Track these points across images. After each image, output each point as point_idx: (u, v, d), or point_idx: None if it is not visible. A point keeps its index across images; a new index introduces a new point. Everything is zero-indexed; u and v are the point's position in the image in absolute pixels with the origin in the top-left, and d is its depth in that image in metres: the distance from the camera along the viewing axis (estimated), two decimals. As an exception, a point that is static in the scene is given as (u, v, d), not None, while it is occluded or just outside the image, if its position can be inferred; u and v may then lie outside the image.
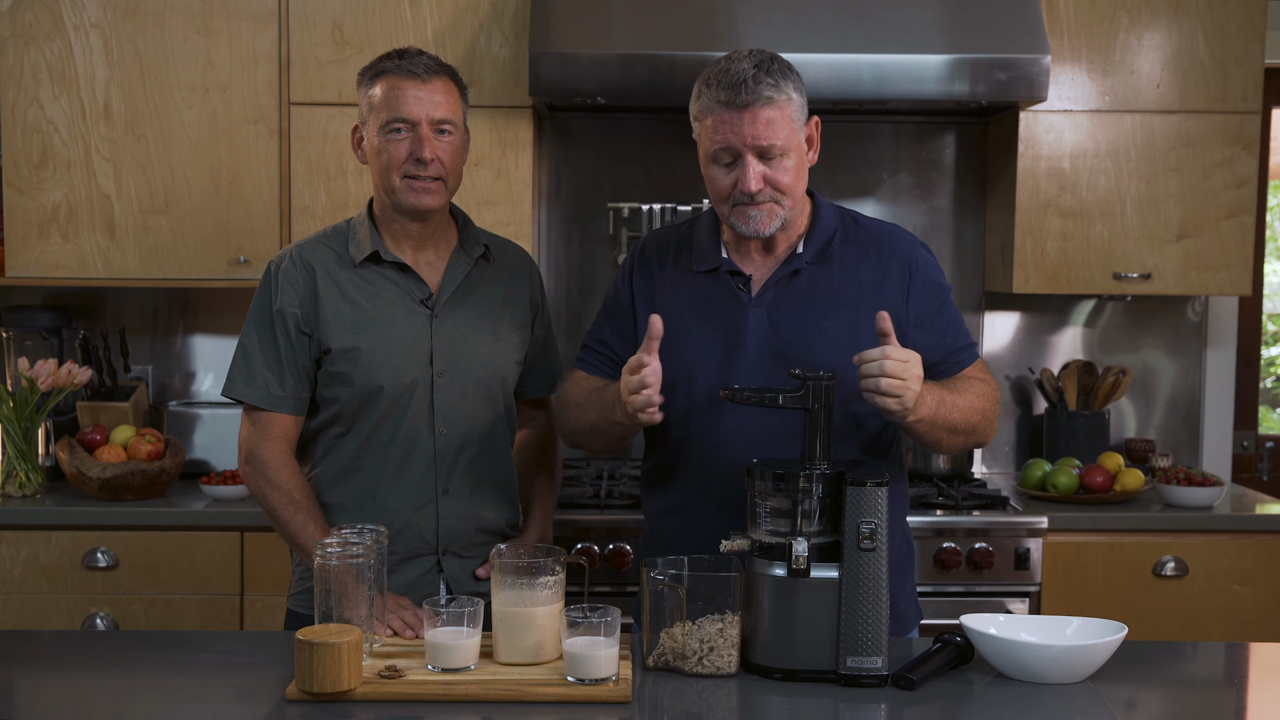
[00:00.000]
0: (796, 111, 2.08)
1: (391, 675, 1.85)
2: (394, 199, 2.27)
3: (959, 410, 2.08)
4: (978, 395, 2.14)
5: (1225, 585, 3.17)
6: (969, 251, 3.77)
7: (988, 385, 2.19)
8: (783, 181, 2.07)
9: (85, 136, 3.33)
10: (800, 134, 2.10)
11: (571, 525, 3.07)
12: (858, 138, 3.75)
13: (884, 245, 2.19)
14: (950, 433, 2.10)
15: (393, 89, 2.25)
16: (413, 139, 2.24)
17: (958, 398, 2.09)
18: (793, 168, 2.08)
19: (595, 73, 3.16)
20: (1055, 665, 1.86)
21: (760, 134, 2.04)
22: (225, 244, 3.36)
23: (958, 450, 2.23)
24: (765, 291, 2.17)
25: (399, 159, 2.24)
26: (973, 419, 2.12)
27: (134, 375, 3.68)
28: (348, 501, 2.30)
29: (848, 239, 2.19)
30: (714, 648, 1.89)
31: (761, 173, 2.06)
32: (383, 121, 2.25)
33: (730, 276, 2.18)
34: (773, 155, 2.06)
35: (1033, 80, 3.16)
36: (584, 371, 2.28)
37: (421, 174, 2.24)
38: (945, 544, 3.09)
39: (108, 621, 3.09)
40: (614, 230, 3.72)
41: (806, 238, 2.18)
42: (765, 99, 2.03)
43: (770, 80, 2.04)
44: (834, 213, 2.22)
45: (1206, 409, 3.80)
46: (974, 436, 2.16)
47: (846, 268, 2.16)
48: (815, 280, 2.16)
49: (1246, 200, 3.42)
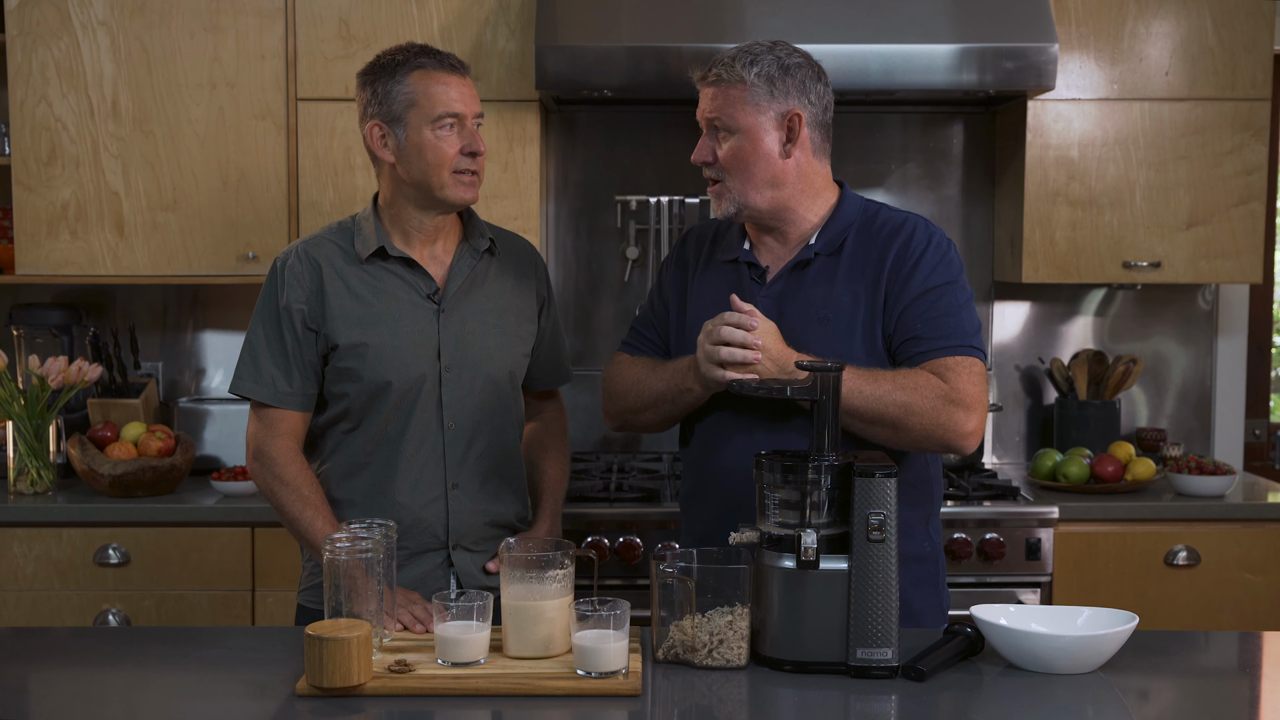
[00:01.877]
0: (758, 97, 2.13)
1: (401, 670, 1.85)
2: (442, 194, 2.27)
3: (861, 396, 2.01)
4: (902, 386, 2.03)
5: (1237, 574, 3.16)
6: (978, 241, 3.76)
7: (933, 379, 2.05)
8: (727, 160, 2.14)
9: (94, 134, 3.34)
10: (761, 120, 2.13)
11: (581, 518, 3.07)
12: (866, 128, 3.74)
13: (893, 234, 2.18)
14: (858, 419, 2.03)
15: (438, 83, 2.25)
16: (463, 133, 2.26)
17: (869, 385, 2.02)
18: (741, 150, 2.13)
19: (602, 66, 3.16)
20: (1066, 656, 1.86)
21: (708, 107, 2.16)
22: (234, 240, 3.36)
23: (893, 445, 2.08)
24: (776, 281, 2.20)
25: (451, 153, 2.25)
26: (887, 410, 2.02)
27: (144, 372, 3.68)
28: (357, 497, 2.30)
29: (863, 230, 2.20)
30: (724, 640, 1.89)
31: (711, 148, 2.16)
32: (434, 116, 2.24)
33: (747, 268, 2.22)
34: (718, 130, 2.15)
35: (1041, 69, 3.15)
36: (627, 354, 2.34)
37: (472, 168, 2.27)
38: (956, 535, 3.08)
39: (120, 618, 3.10)
40: (622, 223, 3.72)
41: (822, 228, 2.19)
42: (716, 77, 2.15)
43: (727, 63, 2.14)
44: (857, 205, 2.23)
45: (1218, 397, 3.78)
46: (901, 433, 2.05)
47: (855, 259, 2.17)
48: (823, 270, 2.17)
49: (1257, 187, 3.41)
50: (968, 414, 2.06)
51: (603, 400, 2.34)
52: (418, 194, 2.28)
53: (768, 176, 2.14)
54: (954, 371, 2.08)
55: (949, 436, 2.06)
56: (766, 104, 2.12)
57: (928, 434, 2.06)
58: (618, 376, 2.30)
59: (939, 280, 2.14)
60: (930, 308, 2.13)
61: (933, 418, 2.04)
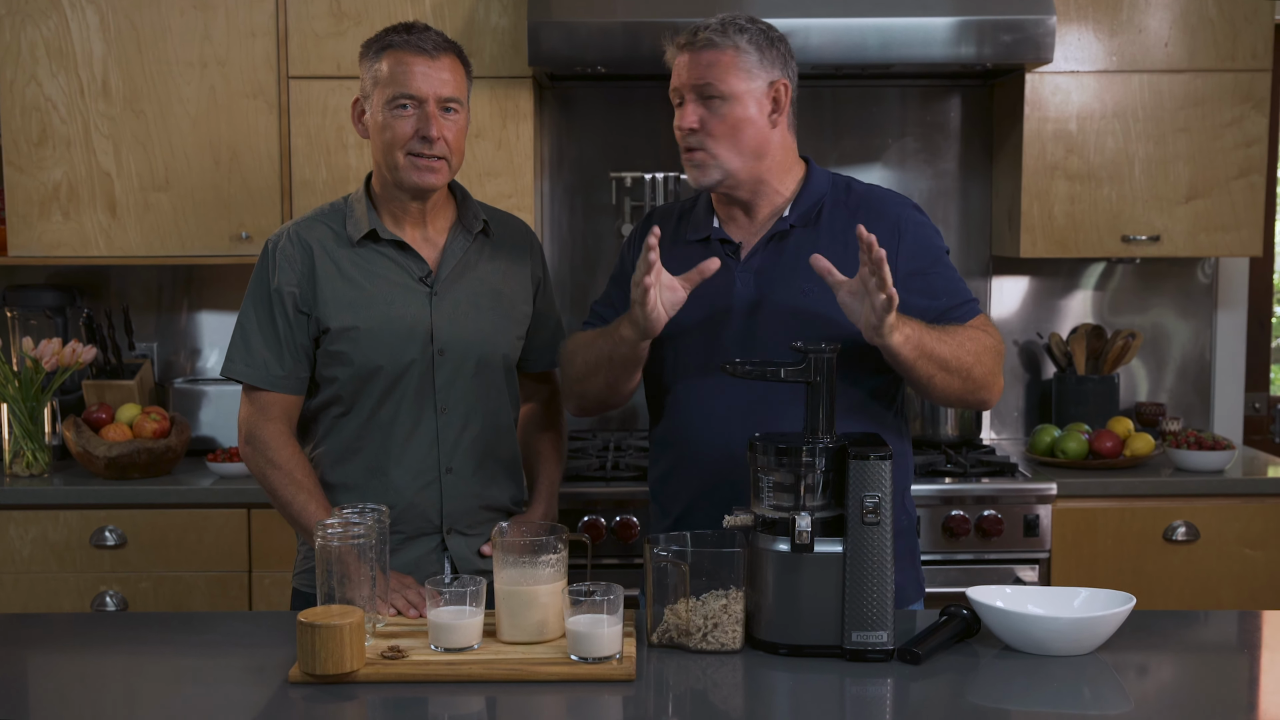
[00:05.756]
0: (748, 63, 2.10)
1: (394, 656, 1.84)
2: (396, 176, 2.25)
3: (945, 345, 2.04)
4: (969, 339, 2.09)
5: (1237, 550, 3.15)
6: (976, 216, 3.74)
7: (986, 335, 2.13)
8: (716, 127, 2.10)
9: (84, 114, 3.31)
10: (752, 87, 2.11)
11: (578, 498, 3.06)
12: (863, 102, 3.71)
13: (873, 208, 2.18)
14: (941, 369, 2.04)
15: (400, 64, 2.22)
16: (419, 116, 2.21)
17: (945, 335, 2.06)
18: (731, 116, 2.10)
19: (597, 41, 3.13)
20: (1063, 637, 1.85)
21: (696, 74, 2.10)
22: (227, 220, 3.34)
23: (957, 398, 2.11)
24: (753, 256, 2.18)
25: (404, 136, 2.21)
26: (964, 358, 2.06)
27: (139, 353, 3.67)
28: (351, 481, 2.29)
29: (838, 203, 2.19)
30: (718, 624, 1.88)
31: (700, 115, 2.10)
32: (389, 97, 2.21)
33: (720, 244, 2.19)
34: (710, 97, 2.10)
35: (1038, 41, 3.12)
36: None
37: (426, 152, 2.21)
38: (954, 511, 3.07)
39: (117, 600, 3.09)
40: (617, 200, 3.69)
41: (794, 202, 2.18)
42: (706, 41, 2.10)
43: (719, 28, 2.11)
44: (825, 178, 2.23)
45: (1217, 371, 3.77)
46: (971, 383, 2.09)
47: (834, 231, 2.16)
48: (801, 243, 2.16)
49: (1257, 159, 3.38)
50: (1002, 369, 2.19)
51: (560, 379, 2.33)
52: (388, 175, 2.27)
53: (754, 145, 2.13)
54: (988, 326, 2.18)
55: (994, 389, 2.16)
56: (757, 71, 2.11)
57: (985, 383, 2.13)
58: (567, 350, 2.28)
59: (941, 247, 2.21)
60: (944, 275, 2.18)
61: (992, 367, 2.13)
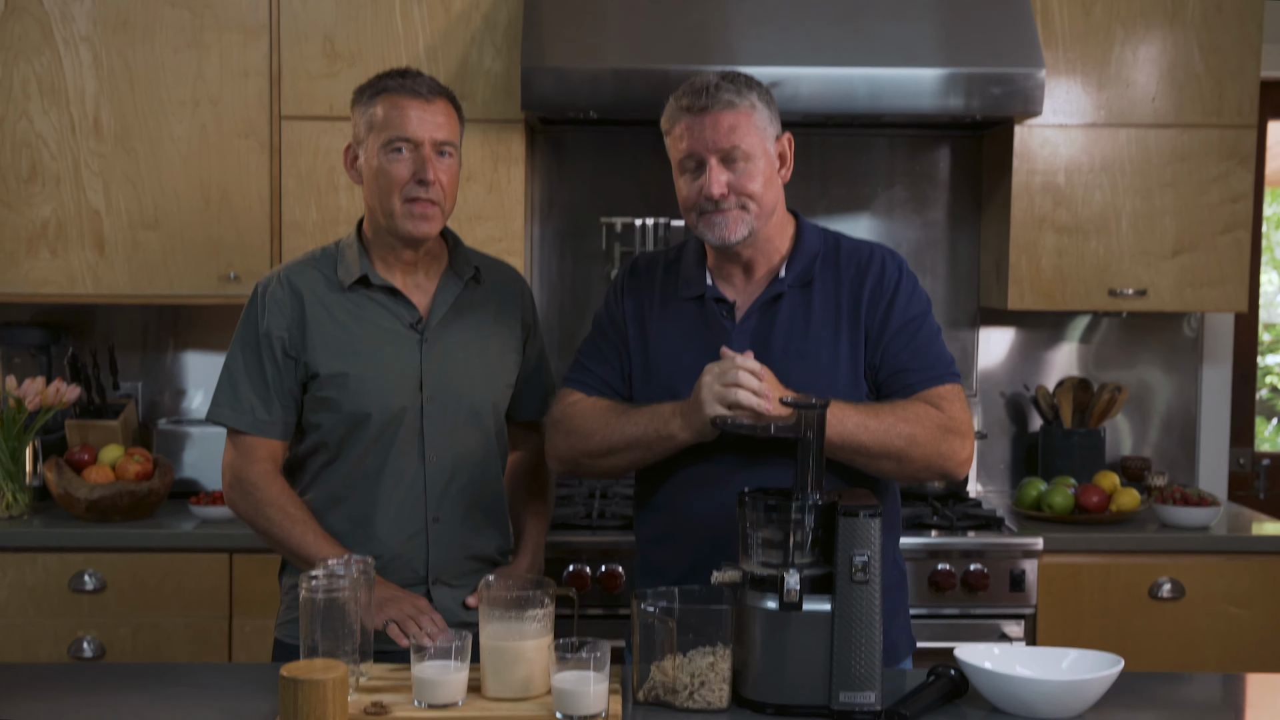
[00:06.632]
0: (762, 121, 2.10)
1: (377, 712, 1.82)
2: (391, 223, 2.24)
3: (868, 431, 2.02)
4: (904, 419, 2.04)
5: (1222, 607, 3.15)
6: (963, 267, 3.75)
7: (930, 409, 2.07)
8: (748, 187, 2.08)
9: (75, 151, 3.30)
10: (768, 144, 2.11)
11: (563, 546, 3.04)
12: (851, 151, 3.73)
13: (860, 266, 2.17)
14: (865, 455, 2.03)
15: (395, 108, 2.22)
16: (415, 159, 2.21)
17: (874, 420, 2.03)
18: (759, 174, 2.09)
19: (588, 87, 3.14)
20: (1051, 700, 1.84)
21: (723, 138, 2.06)
22: (216, 260, 3.33)
23: (902, 479, 2.14)
24: (749, 318, 2.16)
25: (401, 179, 2.21)
26: (893, 444, 2.03)
27: (123, 393, 3.65)
28: (335, 530, 2.26)
29: (828, 261, 2.18)
30: (705, 682, 1.86)
31: (726, 179, 2.07)
32: (385, 140, 2.21)
33: (715, 304, 2.17)
34: (736, 159, 2.08)
35: (1027, 94, 3.14)
36: (581, 392, 2.23)
37: (423, 195, 2.21)
38: (940, 565, 3.06)
39: (94, 646, 3.05)
40: (607, 245, 3.70)
41: (789, 261, 2.17)
42: (726, 103, 2.07)
43: (732, 87, 2.08)
44: (817, 235, 2.22)
45: (1203, 426, 3.77)
46: (909, 464, 2.06)
47: (827, 290, 2.16)
48: (796, 304, 2.15)
49: (1242, 215, 3.40)
50: (963, 441, 2.11)
51: (554, 440, 2.21)
52: (383, 222, 2.25)
53: (771, 202, 2.13)
54: (947, 400, 2.11)
55: (948, 464, 2.09)
56: (768, 129, 2.11)
57: (929, 464, 2.08)
58: (578, 417, 2.18)
59: (916, 311, 2.17)
60: (913, 339, 2.15)
61: (934, 447, 2.07)
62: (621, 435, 2.12)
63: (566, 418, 2.21)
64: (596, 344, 2.27)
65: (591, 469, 2.20)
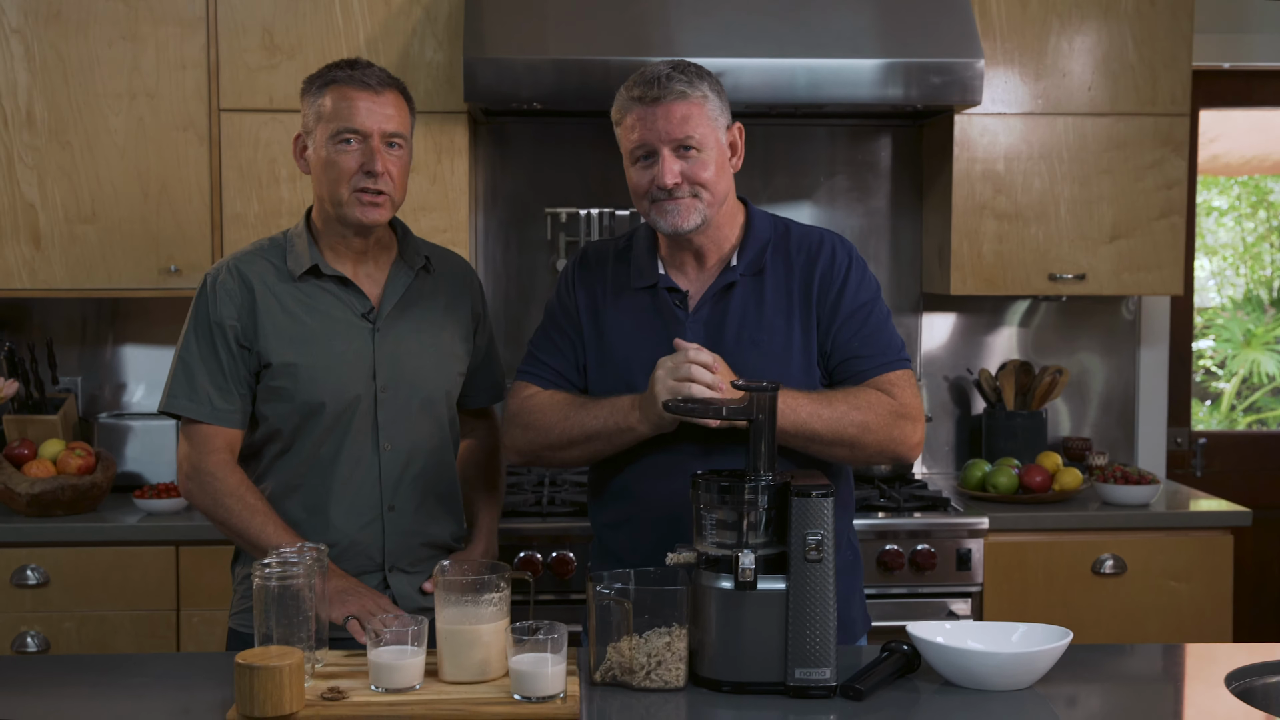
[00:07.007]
0: (714, 111, 2.11)
1: (334, 697, 1.81)
2: (340, 212, 2.23)
3: (821, 420, 2.05)
4: (856, 406, 2.08)
5: (1163, 582, 3.21)
6: (906, 254, 3.79)
7: (882, 396, 2.11)
8: (701, 176, 2.09)
9: (8, 144, 3.25)
10: (720, 134, 2.12)
11: (514, 533, 3.04)
12: (793, 141, 3.76)
13: (811, 253, 2.19)
14: (819, 442, 2.07)
15: (344, 99, 2.20)
16: (364, 150, 2.20)
17: (826, 408, 2.06)
18: (711, 163, 2.10)
19: (530, 78, 3.14)
20: (1001, 672, 1.87)
21: (675, 128, 2.07)
22: (155, 253, 3.29)
23: (855, 463, 2.19)
24: (701, 307, 2.17)
25: (349, 170, 2.20)
26: (846, 431, 2.07)
27: (63, 387, 3.59)
28: (291, 520, 2.24)
29: (779, 249, 2.20)
30: (661, 661, 1.88)
31: (679, 169, 2.08)
32: (333, 131, 2.20)
33: (668, 294, 2.18)
34: (689, 149, 2.08)
35: (966, 84, 3.18)
36: (536, 385, 2.23)
37: (371, 186, 2.20)
38: (888, 546, 3.10)
39: (39, 640, 3.01)
40: (552, 235, 3.70)
41: (740, 249, 2.18)
42: (679, 94, 2.07)
43: (684, 78, 2.09)
44: (768, 222, 2.23)
45: (1141, 407, 3.85)
46: (861, 451, 2.10)
47: (778, 277, 2.17)
48: (748, 293, 2.16)
49: (1177, 201, 3.47)
50: (914, 426, 2.14)
51: (513, 433, 2.22)
52: (331, 211, 2.25)
53: (723, 191, 2.14)
54: (898, 386, 2.14)
55: (900, 449, 2.13)
56: (719, 118, 2.13)
57: (881, 449, 2.12)
58: (536, 411, 2.19)
59: (866, 297, 2.19)
60: (863, 325, 2.17)
61: (886, 433, 2.10)
62: (581, 428, 2.13)
63: (524, 411, 2.21)
64: (549, 335, 2.27)
65: (551, 460, 2.21)
